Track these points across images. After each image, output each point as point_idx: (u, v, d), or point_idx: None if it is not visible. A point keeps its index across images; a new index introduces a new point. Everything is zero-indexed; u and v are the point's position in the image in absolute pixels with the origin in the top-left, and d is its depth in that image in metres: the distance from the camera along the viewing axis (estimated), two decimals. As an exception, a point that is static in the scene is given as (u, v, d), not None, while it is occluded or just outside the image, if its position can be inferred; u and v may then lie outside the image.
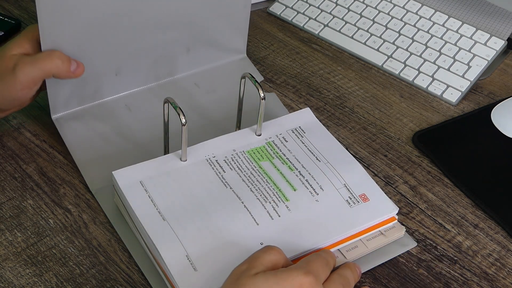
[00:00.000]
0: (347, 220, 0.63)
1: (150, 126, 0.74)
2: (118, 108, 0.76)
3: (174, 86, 0.79)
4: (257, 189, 0.65)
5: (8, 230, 0.65)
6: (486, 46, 0.89)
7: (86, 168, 0.70)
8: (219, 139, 0.69)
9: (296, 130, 0.71)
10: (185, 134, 0.64)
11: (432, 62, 0.88)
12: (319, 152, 0.69)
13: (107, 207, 0.67)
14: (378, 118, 0.81)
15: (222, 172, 0.66)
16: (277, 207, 0.63)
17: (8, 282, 0.60)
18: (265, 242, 0.60)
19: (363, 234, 0.64)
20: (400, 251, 0.66)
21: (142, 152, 0.71)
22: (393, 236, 0.65)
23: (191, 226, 0.61)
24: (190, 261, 0.58)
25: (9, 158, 0.71)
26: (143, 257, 0.63)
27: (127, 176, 0.64)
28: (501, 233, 0.69)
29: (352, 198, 0.65)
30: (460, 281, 0.64)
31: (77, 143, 0.72)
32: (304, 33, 0.94)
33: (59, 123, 0.73)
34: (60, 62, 0.67)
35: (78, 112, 0.74)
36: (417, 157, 0.77)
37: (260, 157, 0.68)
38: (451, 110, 0.83)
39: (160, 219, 0.61)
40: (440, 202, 0.72)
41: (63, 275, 0.61)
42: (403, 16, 0.94)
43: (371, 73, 0.88)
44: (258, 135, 0.70)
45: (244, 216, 0.62)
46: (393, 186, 0.73)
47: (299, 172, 0.67)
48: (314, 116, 0.73)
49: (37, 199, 0.68)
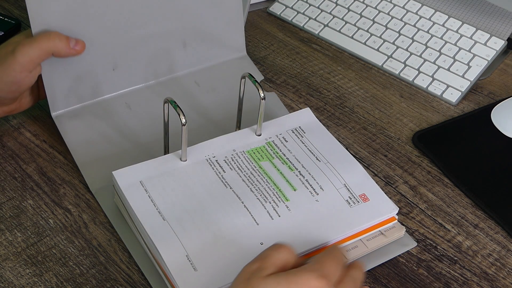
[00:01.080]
0: (347, 220, 0.63)
1: (150, 125, 0.74)
2: (118, 106, 0.76)
3: (174, 84, 0.79)
4: (257, 189, 0.65)
5: (8, 230, 0.65)
6: (486, 46, 0.89)
7: (86, 167, 0.70)
8: (219, 139, 0.69)
9: (296, 130, 0.71)
10: (185, 134, 0.64)
11: (432, 62, 0.88)
12: (319, 152, 0.69)
13: (107, 207, 0.67)
14: (378, 118, 0.81)
15: (222, 172, 0.66)
16: (277, 207, 0.63)
17: (8, 282, 0.60)
18: (265, 242, 0.60)
19: (363, 234, 0.64)
20: (400, 251, 0.66)
21: (143, 151, 0.71)
22: (393, 236, 0.65)
23: (191, 226, 0.60)
24: (190, 261, 0.58)
25: (9, 158, 0.71)
26: (143, 257, 0.63)
27: (127, 176, 0.64)
28: (501, 233, 0.69)
29: (352, 198, 0.65)
30: (460, 281, 0.64)
31: (77, 142, 0.72)
32: (304, 33, 0.94)
33: (59, 121, 0.73)
34: (58, 40, 0.67)
35: (78, 110, 0.74)
36: (417, 157, 0.77)
37: (260, 157, 0.68)
38: (451, 110, 0.83)
39: (160, 219, 0.61)
40: (440, 202, 0.72)
41: (63, 275, 0.61)
42: (403, 16, 0.94)
43: (371, 73, 0.88)
44: (258, 135, 0.70)
45: (244, 216, 0.62)
46: (393, 186, 0.73)
47: (299, 172, 0.67)
48: (314, 116, 0.73)
49: (37, 199, 0.68)
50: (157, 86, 0.79)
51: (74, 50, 0.69)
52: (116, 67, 0.75)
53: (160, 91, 0.78)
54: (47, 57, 0.67)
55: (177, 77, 0.80)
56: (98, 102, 0.75)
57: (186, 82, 0.80)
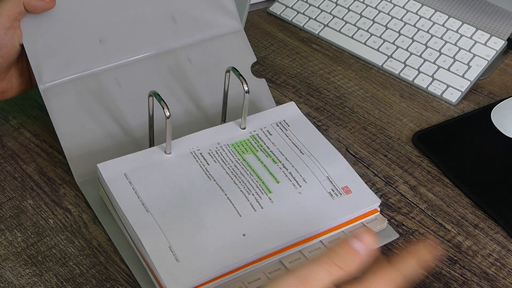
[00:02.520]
0: (330, 212, 0.64)
1: (139, 109, 0.73)
2: (108, 82, 0.73)
3: (166, 60, 0.76)
4: (241, 181, 0.65)
5: (8, 230, 0.65)
6: (486, 46, 0.89)
7: (74, 160, 0.69)
8: (204, 132, 0.69)
9: (281, 124, 0.72)
10: (169, 127, 0.64)
11: (432, 62, 0.88)
12: (303, 145, 0.70)
13: (92, 199, 0.67)
14: (378, 118, 0.81)
15: (206, 164, 0.66)
16: (260, 199, 0.64)
17: (8, 282, 0.60)
18: (247, 233, 0.60)
19: (346, 225, 0.64)
20: (383, 243, 0.66)
21: (131, 140, 0.71)
22: (375, 228, 0.66)
23: (174, 218, 0.61)
24: (173, 252, 0.58)
25: (9, 158, 0.71)
26: (128, 250, 0.63)
27: (111, 169, 0.64)
28: (501, 233, 0.69)
29: (335, 191, 0.65)
30: (460, 281, 0.64)
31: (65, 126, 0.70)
32: (304, 33, 0.94)
33: (46, 97, 0.70)
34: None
35: (66, 85, 0.71)
36: (417, 157, 0.77)
37: (244, 150, 0.68)
38: (451, 110, 0.83)
39: (143, 210, 0.61)
40: (440, 202, 0.72)
41: (63, 275, 0.61)
42: (403, 16, 0.94)
43: (371, 73, 0.88)
44: (242, 128, 0.70)
45: (227, 208, 0.63)
46: (393, 186, 0.73)
47: (282, 164, 0.67)
48: (298, 109, 0.74)
49: (37, 199, 0.68)
50: (149, 61, 0.76)
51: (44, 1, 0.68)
52: (103, 39, 0.73)
53: (152, 67, 0.76)
54: (19, 9, 0.66)
55: (169, 52, 0.77)
56: (87, 76, 0.72)
57: (179, 57, 0.77)
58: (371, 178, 0.73)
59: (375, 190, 0.72)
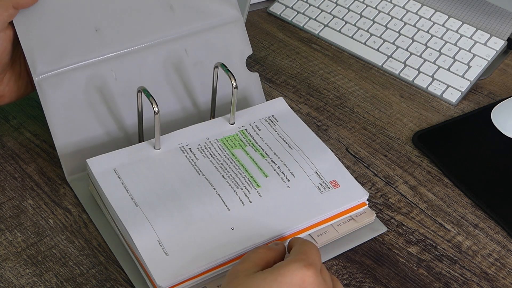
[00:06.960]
0: (318, 206, 0.64)
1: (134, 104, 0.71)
2: (104, 75, 0.72)
3: (163, 51, 0.75)
4: (229, 176, 0.66)
5: (8, 230, 0.65)
6: (486, 46, 0.89)
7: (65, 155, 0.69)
8: (193, 127, 0.70)
9: (269, 119, 0.72)
10: (158, 122, 0.64)
11: (432, 62, 0.88)
12: (291, 140, 0.70)
13: (83, 196, 0.67)
14: (378, 118, 0.81)
15: (195, 159, 0.67)
16: (248, 193, 0.64)
17: (8, 282, 0.60)
18: (236, 227, 0.61)
19: (334, 219, 0.65)
20: (371, 236, 0.67)
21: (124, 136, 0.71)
22: (364, 221, 0.66)
23: (163, 212, 0.61)
24: (162, 246, 0.58)
25: (9, 158, 0.71)
26: (118, 246, 0.63)
27: (101, 164, 0.65)
28: (501, 233, 0.69)
29: (323, 185, 0.66)
30: (460, 281, 0.64)
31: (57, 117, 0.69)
32: (304, 33, 0.94)
33: (41, 89, 0.69)
34: None
35: (61, 77, 0.70)
36: (417, 157, 0.77)
37: (233, 144, 0.69)
38: (451, 110, 0.83)
39: (132, 205, 0.62)
40: (440, 202, 0.72)
41: (63, 275, 0.61)
42: (403, 16, 0.94)
43: (371, 73, 0.88)
44: (231, 123, 0.71)
45: (216, 202, 0.63)
46: (393, 186, 0.73)
47: (271, 159, 0.68)
48: (287, 105, 0.74)
49: (37, 199, 0.68)
50: (145, 52, 0.74)
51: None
52: (99, 28, 0.71)
53: (149, 58, 0.74)
54: (8, 12, 0.65)
55: (167, 41, 0.75)
56: (83, 67, 0.71)
57: (176, 48, 0.76)
58: (371, 178, 0.73)
59: (375, 190, 0.72)
